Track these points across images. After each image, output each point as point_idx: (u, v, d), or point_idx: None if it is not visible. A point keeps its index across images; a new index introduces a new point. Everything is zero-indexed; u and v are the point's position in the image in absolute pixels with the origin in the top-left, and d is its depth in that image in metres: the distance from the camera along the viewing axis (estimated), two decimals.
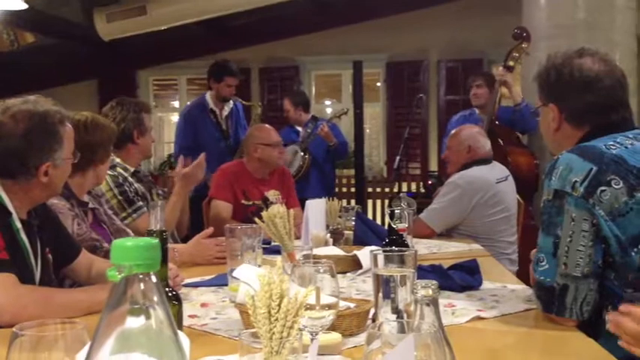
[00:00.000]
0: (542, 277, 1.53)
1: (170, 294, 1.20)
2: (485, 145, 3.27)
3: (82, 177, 2.22)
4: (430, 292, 0.87)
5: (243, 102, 4.91)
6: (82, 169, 2.18)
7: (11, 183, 1.68)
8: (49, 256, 1.80)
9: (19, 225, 1.67)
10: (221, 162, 3.61)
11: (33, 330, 0.73)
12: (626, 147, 1.55)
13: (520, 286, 1.91)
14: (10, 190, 1.67)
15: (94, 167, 2.26)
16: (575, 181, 1.50)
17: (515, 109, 4.34)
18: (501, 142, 4.20)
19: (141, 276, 0.53)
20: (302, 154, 4.93)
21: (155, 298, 0.54)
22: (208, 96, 4.64)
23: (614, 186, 1.48)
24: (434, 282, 0.88)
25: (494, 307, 1.66)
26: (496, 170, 3.25)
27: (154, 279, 0.54)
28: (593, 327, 1.50)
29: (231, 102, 4.66)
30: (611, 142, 1.56)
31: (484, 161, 3.22)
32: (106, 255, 2.08)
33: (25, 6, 4.58)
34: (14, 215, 1.66)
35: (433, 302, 0.87)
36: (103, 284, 1.70)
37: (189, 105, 4.97)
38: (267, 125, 3.66)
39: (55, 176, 1.74)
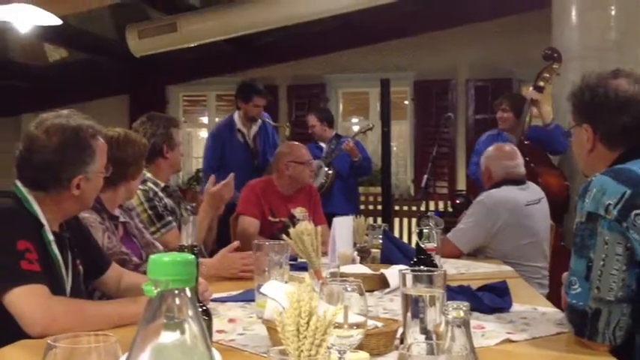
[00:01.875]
0: (574, 301, 1.50)
1: (200, 309, 1.20)
2: (510, 165, 3.18)
3: (113, 192, 2.24)
4: (461, 313, 0.85)
5: (271, 122, 4.95)
6: (114, 185, 2.21)
7: (43, 195, 1.71)
8: (80, 267, 1.82)
9: (51, 237, 1.69)
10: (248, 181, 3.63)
11: (67, 342, 0.74)
12: None
13: (551, 309, 1.88)
14: (43, 202, 1.70)
15: (126, 183, 2.29)
16: (609, 204, 1.47)
17: (545, 131, 4.30)
18: (532, 163, 4.15)
19: (176, 291, 0.54)
20: (326, 169, 4.95)
21: (190, 313, 0.54)
22: (236, 116, 4.69)
23: None
24: (465, 303, 0.87)
25: (525, 329, 1.63)
26: (528, 192, 3.17)
27: (189, 294, 0.54)
28: (626, 352, 1.47)
29: (259, 121, 4.70)
30: None
31: (516, 182, 3.15)
32: (136, 268, 2.10)
33: (59, 22, 4.68)
34: (46, 227, 1.69)
35: (464, 324, 0.86)
36: (134, 297, 1.71)
37: (218, 125, 5.02)
38: (298, 143, 3.67)
39: (87, 189, 1.76)
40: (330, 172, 4.98)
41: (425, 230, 1.93)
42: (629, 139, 1.63)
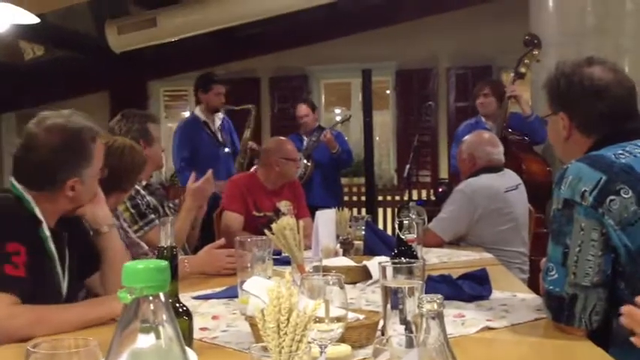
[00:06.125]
0: (551, 287, 1.53)
1: (181, 309, 1.21)
2: (493, 152, 3.24)
3: None
4: (435, 306, 0.87)
5: (235, 108, 4.93)
6: (107, 193, 2.22)
7: (38, 194, 1.71)
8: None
9: (48, 234, 1.70)
10: (226, 168, 3.62)
11: (46, 347, 0.75)
12: (635, 156, 1.55)
13: (530, 295, 1.91)
14: (38, 200, 1.71)
15: (118, 194, 2.29)
16: (585, 191, 1.50)
17: (525, 121, 4.34)
18: (514, 149, 4.19)
19: (151, 297, 0.55)
20: (305, 161, 4.96)
21: (165, 317, 0.55)
22: (198, 110, 4.68)
23: (623, 195, 1.48)
24: (439, 296, 0.89)
25: (504, 316, 1.66)
26: (506, 179, 3.23)
27: (163, 299, 0.56)
28: (603, 336, 1.50)
29: (220, 114, 4.69)
30: (621, 151, 1.56)
31: (494, 169, 3.21)
32: None
33: (37, 20, 4.63)
34: (44, 224, 1.69)
35: (438, 316, 0.87)
36: (101, 298, 1.76)
37: (181, 124, 4.97)
38: (285, 139, 3.67)
39: (81, 192, 1.76)
40: (309, 164, 5.00)
41: (405, 221, 1.94)
42: (604, 126, 1.66)
